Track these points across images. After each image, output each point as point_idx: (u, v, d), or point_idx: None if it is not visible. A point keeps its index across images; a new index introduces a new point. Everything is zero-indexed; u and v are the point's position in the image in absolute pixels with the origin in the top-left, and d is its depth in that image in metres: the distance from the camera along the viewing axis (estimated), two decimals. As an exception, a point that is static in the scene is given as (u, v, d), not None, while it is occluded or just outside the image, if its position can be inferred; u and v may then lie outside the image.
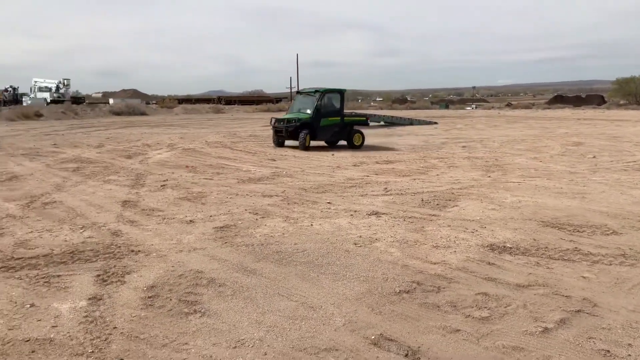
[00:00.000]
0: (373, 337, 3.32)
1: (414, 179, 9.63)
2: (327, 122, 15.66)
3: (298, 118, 15.44)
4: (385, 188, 8.63)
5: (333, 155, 13.97)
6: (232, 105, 62.20)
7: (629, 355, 3.12)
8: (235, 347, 3.22)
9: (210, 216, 6.61)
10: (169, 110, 48.64)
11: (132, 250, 5.16)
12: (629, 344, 3.24)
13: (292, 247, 5.24)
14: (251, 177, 9.93)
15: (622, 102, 62.05)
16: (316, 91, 15.97)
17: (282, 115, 17.05)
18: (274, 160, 12.67)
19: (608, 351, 3.15)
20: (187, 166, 11.56)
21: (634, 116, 34.22)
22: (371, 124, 28.39)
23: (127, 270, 4.58)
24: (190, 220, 6.39)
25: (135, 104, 49.94)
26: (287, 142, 15.90)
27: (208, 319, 3.63)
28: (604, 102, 62.07)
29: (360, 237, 5.66)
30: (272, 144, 16.37)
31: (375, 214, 6.74)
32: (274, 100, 71.45)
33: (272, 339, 3.31)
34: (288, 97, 75.28)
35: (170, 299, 3.97)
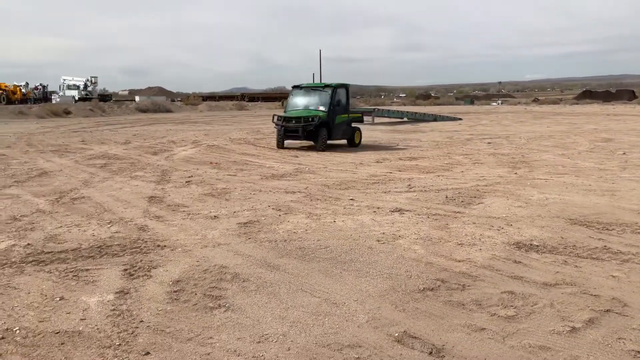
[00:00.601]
0: (397, 334, 3.30)
1: (438, 176, 9.54)
2: (339, 119, 14.55)
3: (316, 116, 13.84)
4: (409, 185, 8.57)
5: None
6: (256, 102, 62.62)
7: (661, 357, 3.03)
8: (259, 341, 3.25)
9: (234, 212, 6.67)
10: (194, 108, 49.21)
11: (158, 245, 5.24)
12: (661, 346, 3.15)
13: (315, 244, 5.25)
14: (274, 173, 9.98)
15: (654, 96, 60.20)
16: (326, 85, 14.77)
17: (282, 112, 15.02)
18: (297, 157, 12.70)
19: (639, 352, 3.07)
20: (211, 162, 11.69)
21: (667, 111, 33.19)
22: (395, 120, 28.27)
23: (153, 265, 4.66)
24: (215, 216, 6.46)
25: (160, 102, 50.71)
26: (287, 142, 14.60)
27: (232, 313, 3.67)
28: (635, 97, 60.27)
29: (384, 234, 5.63)
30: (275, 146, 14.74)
31: (399, 210, 6.69)
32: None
33: (295, 335, 3.32)
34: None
35: (195, 294, 4.02)
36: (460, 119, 29.74)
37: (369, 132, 20.46)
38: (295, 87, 15.42)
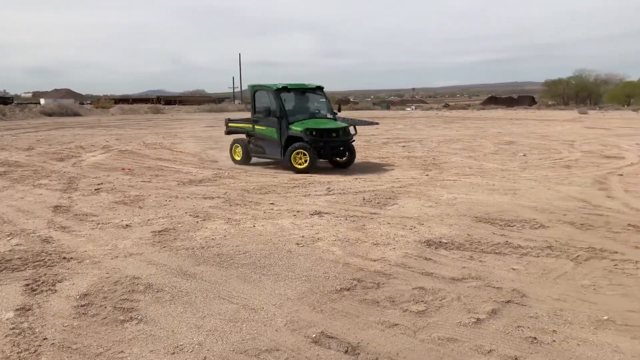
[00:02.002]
0: (314, 335, 3.35)
1: (356, 178, 9.78)
2: None
3: (341, 127, 11.03)
4: (328, 188, 8.72)
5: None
6: (173, 106, 60.61)
7: (554, 341, 3.32)
8: (173, 352, 3.15)
9: (148, 220, 6.42)
10: (105, 111, 46.68)
11: (64, 258, 4.93)
12: (554, 331, 3.45)
13: (233, 249, 5.19)
14: (192, 179, 9.72)
15: (551, 102, 65.86)
16: (318, 87, 11.85)
17: (299, 124, 10.77)
18: (216, 162, 12.47)
19: (535, 338, 3.34)
20: (123, 169, 11.16)
21: (561, 116, 36.36)
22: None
23: (58, 279, 4.37)
24: (127, 225, 6.18)
25: (68, 104, 47.54)
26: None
27: (145, 325, 3.53)
28: (535, 102, 65.63)
29: (303, 237, 5.68)
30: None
31: (318, 213, 6.79)
32: (216, 100, 70.32)
33: (212, 343, 3.26)
34: (230, 97, 74.29)
35: (105, 307, 3.82)
36: (377, 123, 30.68)
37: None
38: (281, 88, 11.03)
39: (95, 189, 8.58)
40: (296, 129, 10.65)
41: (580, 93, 67.50)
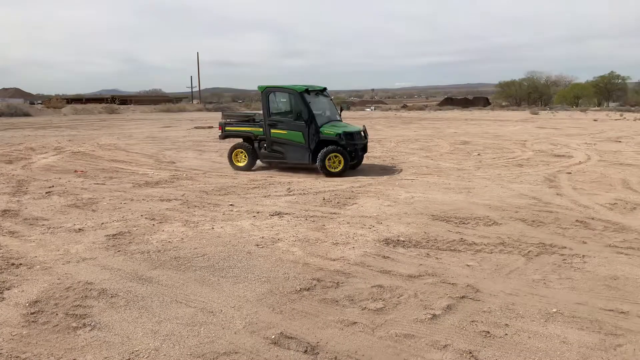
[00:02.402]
0: (273, 336, 3.34)
1: (316, 179, 9.81)
2: None
3: (362, 130, 11.16)
4: (289, 188, 8.71)
5: (236, 156, 13.80)
6: (128, 106, 59.04)
7: (506, 334, 3.44)
8: (128, 358, 3.08)
9: (102, 224, 6.24)
10: (57, 111, 44.97)
11: (13, 264, 4.73)
12: (506, 324, 3.58)
13: (191, 252, 5.11)
14: (148, 180, 9.50)
15: (504, 103, 68.06)
16: (324, 89, 11.58)
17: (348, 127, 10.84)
18: (174, 163, 12.24)
19: (488, 332, 3.45)
20: (76, 171, 10.79)
21: (514, 116, 37.61)
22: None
23: (6, 286, 4.19)
24: (80, 229, 5.98)
25: (17, 104, 45.51)
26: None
27: (99, 332, 3.44)
28: (489, 103, 67.62)
29: (263, 238, 5.66)
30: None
31: (278, 214, 6.77)
32: (173, 100, 68.96)
33: (168, 348, 3.20)
34: (189, 97, 73.05)
35: (56, 314, 3.69)
36: (337, 123, 30.86)
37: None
38: (305, 91, 10.53)
39: (47, 192, 8.26)
40: (329, 132, 10.38)
41: (532, 94, 70.09)
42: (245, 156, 11.08)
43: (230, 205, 7.33)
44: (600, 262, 4.90)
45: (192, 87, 67.06)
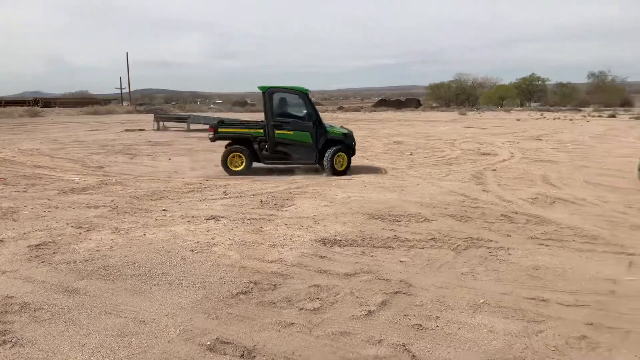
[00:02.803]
0: (209, 342, 3.28)
1: (254, 181, 9.74)
2: None
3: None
4: (225, 191, 8.58)
5: (170, 160, 13.43)
6: (52, 108, 55.86)
7: (437, 326, 3.57)
8: (53, 376, 2.91)
9: (24, 233, 5.86)
10: (-29, 115, 41.73)
11: None
12: (437, 317, 3.72)
13: (121, 261, 4.91)
14: (74, 187, 9.03)
15: (434, 104, 70.66)
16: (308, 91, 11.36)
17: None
18: (102, 168, 11.71)
19: (420, 325, 3.58)
20: (-6, 178, 10.06)
21: (444, 117, 39.15)
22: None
23: None
24: (-2, 240, 5.59)
25: None
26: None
27: (21, 348, 3.23)
28: (420, 105, 69.91)
29: (198, 243, 5.54)
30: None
31: (214, 218, 6.65)
32: (102, 102, 65.97)
33: (97, 361, 3.06)
34: (118, 99, 70.14)
35: (-28, 333, 3.42)
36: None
37: (184, 139, 19.91)
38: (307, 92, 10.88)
39: (-42, 202, 7.64)
40: (336, 132, 10.79)
41: (460, 95, 73.28)
42: (242, 160, 10.73)
43: (163, 210, 7.12)
44: (523, 253, 5.20)
45: (121, 89, 64.47)
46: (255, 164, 10.98)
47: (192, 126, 26.17)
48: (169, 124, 27.19)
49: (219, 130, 10.96)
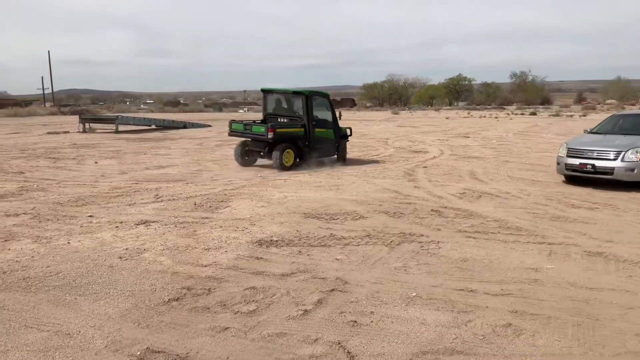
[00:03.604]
0: (139, 352, 3.15)
1: (188, 183, 9.49)
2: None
3: None
4: (156, 195, 8.30)
5: (96, 163, 12.80)
6: (-35, 110, 51.60)
7: (371, 321, 3.63)
8: (-36, 400, 2.69)
9: None
10: None
11: None
12: (372, 312, 3.79)
13: (43, 271, 4.61)
14: (-10, 194, 8.39)
15: (368, 104, 72.09)
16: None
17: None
18: (22, 173, 10.96)
19: (355, 321, 3.62)
20: None
21: (378, 116, 40.06)
22: (142, 127, 27.02)
23: None
24: None
25: None
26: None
27: None
28: (355, 104, 71.11)
29: (127, 249, 5.31)
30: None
31: (144, 222, 6.41)
32: (22, 103, 61.84)
33: (15, 380, 2.86)
34: (40, 100, 65.99)
35: None
36: (209, 125, 30.19)
37: (112, 142, 19.07)
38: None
39: None
40: (343, 128, 12.73)
41: (393, 95, 75.29)
42: (292, 156, 11.66)
43: (90, 216, 6.77)
44: (452, 246, 5.41)
45: (43, 89, 60.66)
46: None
47: (121, 127, 25.14)
48: (96, 125, 25.95)
49: (277, 130, 11.37)
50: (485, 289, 4.24)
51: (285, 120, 12.07)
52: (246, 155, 12.13)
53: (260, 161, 12.28)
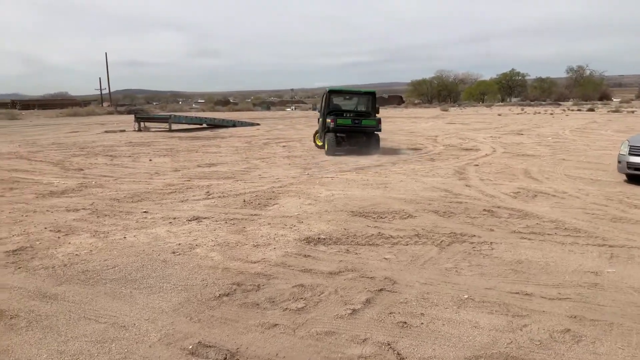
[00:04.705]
0: (191, 346, 3.22)
1: (237, 181, 9.65)
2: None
3: None
4: (207, 192, 8.48)
5: (151, 160, 13.25)
6: (31, 110, 54.85)
7: (422, 323, 3.56)
8: (30, 385, 2.83)
9: (1, 239, 5.71)
10: (-54, 118, 40.76)
11: None
12: (422, 313, 3.70)
13: (101, 265, 4.80)
14: (53, 190, 8.85)
15: (417, 101, 71.02)
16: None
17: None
18: (82, 170, 11.50)
19: (405, 322, 3.56)
20: (-31, 183, 9.81)
21: (426, 113, 39.41)
22: (193, 126, 27.78)
23: None
24: (-27, 247, 5.43)
25: None
26: None
27: (-5, 359, 3.12)
28: (403, 101, 70.26)
29: (180, 244, 5.45)
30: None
31: (196, 219, 6.57)
32: (81, 103, 64.99)
33: (76, 369, 2.98)
34: (98, 100, 69.16)
35: (-56, 343, 3.31)
36: (258, 124, 30.65)
37: (166, 140, 19.69)
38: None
39: None
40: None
41: (442, 92, 73.81)
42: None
43: (144, 212, 7.00)
44: (506, 247, 5.22)
45: (101, 89, 63.49)
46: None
47: (174, 126, 25.94)
48: (150, 124, 26.89)
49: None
50: (542, 292, 4.07)
51: (350, 115, 13.95)
52: (339, 145, 13.80)
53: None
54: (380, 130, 14.12)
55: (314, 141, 15.82)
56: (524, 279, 4.36)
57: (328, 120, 13.78)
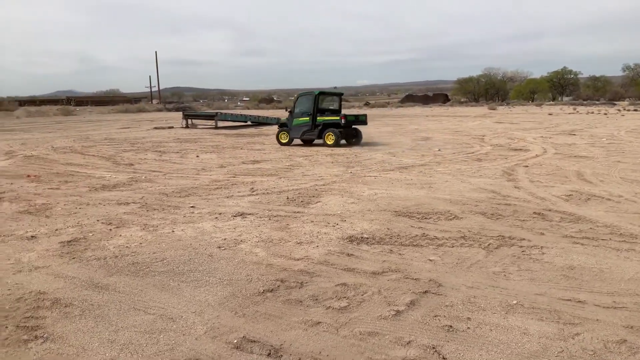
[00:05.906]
0: (235, 340, 3.27)
1: (280, 178, 9.74)
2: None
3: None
4: (252, 188, 8.60)
5: (198, 157, 13.56)
6: (85, 107, 57.27)
7: (468, 328, 3.47)
8: (83, 371, 2.94)
9: (56, 230, 5.99)
10: (8, 114, 43.15)
11: (-44, 276, 4.46)
12: (468, 318, 3.61)
13: (150, 257, 4.95)
14: (105, 184, 9.20)
15: (463, 99, 69.54)
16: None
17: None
18: (132, 165, 11.91)
19: (451, 326, 3.48)
20: (29, 175, 10.35)
21: (472, 112, 38.50)
22: (238, 123, 28.24)
23: (-51, 300, 3.94)
24: (32, 236, 5.72)
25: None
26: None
27: (52, 344, 3.27)
28: (448, 100, 68.92)
29: (225, 239, 5.55)
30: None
31: (241, 215, 6.67)
32: (132, 100, 67.30)
33: (126, 357, 3.08)
34: (148, 97, 71.40)
35: (6, 327, 3.50)
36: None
37: (212, 137, 20.10)
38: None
39: (-5, 199, 7.87)
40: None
41: (489, 90, 71.89)
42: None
43: (191, 207, 7.17)
44: (557, 252, 5.03)
45: (151, 87, 65.60)
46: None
47: (220, 123, 26.45)
48: (197, 121, 27.54)
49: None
50: (596, 300, 3.89)
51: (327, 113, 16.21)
52: (343, 138, 15.83)
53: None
54: (366, 124, 16.79)
55: (278, 140, 16.75)
56: (577, 286, 4.18)
57: (335, 117, 15.82)
